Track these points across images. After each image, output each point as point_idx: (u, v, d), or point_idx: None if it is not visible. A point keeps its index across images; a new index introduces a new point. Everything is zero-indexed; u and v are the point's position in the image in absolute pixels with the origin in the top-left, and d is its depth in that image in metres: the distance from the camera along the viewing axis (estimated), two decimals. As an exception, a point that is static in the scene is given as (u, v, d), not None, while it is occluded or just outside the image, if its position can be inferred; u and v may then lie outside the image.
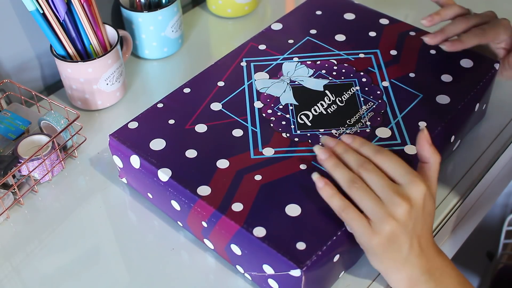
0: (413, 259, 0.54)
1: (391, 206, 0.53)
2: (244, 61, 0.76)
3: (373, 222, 0.53)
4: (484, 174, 0.73)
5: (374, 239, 0.53)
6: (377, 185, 0.54)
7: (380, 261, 0.55)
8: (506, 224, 1.24)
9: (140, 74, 0.89)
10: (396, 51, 0.76)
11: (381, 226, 0.53)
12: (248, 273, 0.61)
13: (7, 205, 0.68)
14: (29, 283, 0.63)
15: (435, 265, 0.55)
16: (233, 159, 0.63)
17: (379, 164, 0.55)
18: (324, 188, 0.56)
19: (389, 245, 0.54)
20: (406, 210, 0.53)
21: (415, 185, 0.54)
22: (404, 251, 0.54)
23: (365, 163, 0.55)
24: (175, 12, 0.87)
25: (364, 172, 0.55)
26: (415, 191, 0.54)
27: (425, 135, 0.57)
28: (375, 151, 0.56)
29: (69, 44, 0.78)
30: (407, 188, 0.54)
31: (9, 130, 0.74)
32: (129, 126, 0.68)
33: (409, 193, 0.53)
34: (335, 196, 0.55)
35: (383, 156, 0.56)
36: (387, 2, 1.01)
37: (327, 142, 0.59)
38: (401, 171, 0.54)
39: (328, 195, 0.56)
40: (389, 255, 0.54)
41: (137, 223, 0.68)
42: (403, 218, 0.53)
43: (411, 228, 0.54)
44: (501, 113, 0.79)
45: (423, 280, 0.55)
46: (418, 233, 0.54)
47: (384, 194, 0.53)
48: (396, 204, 0.53)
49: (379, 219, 0.53)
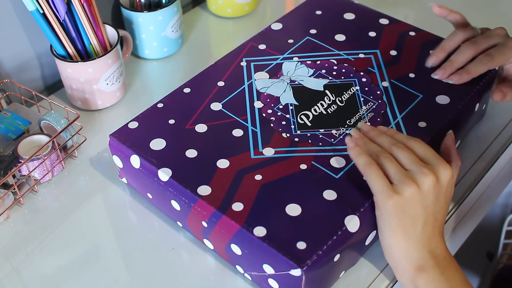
0: (424, 240, 0.55)
1: (418, 175, 0.55)
2: (244, 61, 0.76)
3: (396, 184, 0.55)
4: (484, 174, 0.73)
5: (393, 197, 0.55)
6: (407, 159, 0.57)
7: (392, 231, 0.55)
8: (506, 224, 1.24)
9: (140, 74, 0.89)
10: (396, 51, 0.76)
11: (402, 187, 0.55)
12: (248, 273, 0.61)
13: (7, 205, 0.68)
14: (29, 283, 0.63)
15: (443, 254, 0.56)
16: (233, 159, 0.63)
17: (411, 147, 0.59)
18: (353, 148, 0.59)
19: (405, 211, 0.55)
20: (432, 182, 0.55)
21: (445, 168, 0.56)
22: (418, 228, 0.55)
23: (398, 143, 0.59)
24: (175, 12, 0.87)
25: (396, 149, 0.58)
26: (443, 172, 0.56)
27: (452, 139, 0.62)
28: (408, 138, 0.60)
29: (69, 44, 0.78)
30: (436, 167, 0.56)
31: (9, 130, 0.74)
32: (129, 126, 0.68)
33: (438, 172, 0.56)
34: (363, 155, 0.58)
35: (415, 142, 0.59)
36: (387, 2, 1.01)
37: (363, 127, 0.63)
38: (432, 155, 0.57)
39: (356, 153, 0.58)
40: (402, 222, 0.55)
41: (137, 223, 0.68)
42: (427, 188, 0.55)
43: (430, 203, 0.55)
44: (501, 113, 0.79)
45: (431, 264, 0.55)
46: (435, 215, 0.56)
47: (414, 166, 0.56)
48: (424, 174, 0.55)
49: (402, 181, 0.55)
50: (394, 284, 0.62)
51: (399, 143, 0.59)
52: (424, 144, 0.59)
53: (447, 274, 0.55)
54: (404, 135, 0.61)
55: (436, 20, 0.79)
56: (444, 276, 0.55)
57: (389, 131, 0.62)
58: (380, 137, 0.61)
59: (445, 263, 0.56)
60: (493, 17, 0.91)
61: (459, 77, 0.70)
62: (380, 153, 0.58)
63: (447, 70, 0.70)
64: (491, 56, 0.69)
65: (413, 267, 0.55)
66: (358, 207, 0.58)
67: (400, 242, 0.56)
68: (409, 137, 0.60)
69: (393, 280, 0.62)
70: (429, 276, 0.55)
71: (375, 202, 0.57)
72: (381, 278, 0.62)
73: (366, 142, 0.60)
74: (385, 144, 0.59)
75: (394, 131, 0.62)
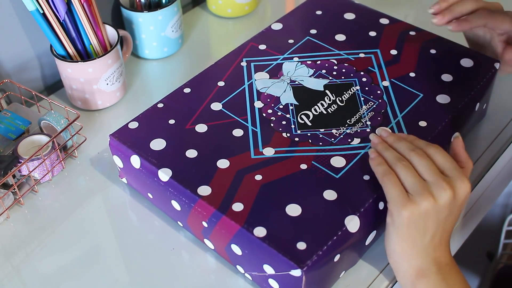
0: (430, 250, 0.55)
1: (436, 188, 0.54)
2: (244, 61, 0.76)
3: (412, 194, 0.54)
4: (484, 174, 0.73)
5: (408, 207, 0.54)
6: (426, 168, 0.55)
7: (401, 238, 0.55)
8: (506, 224, 1.24)
9: (140, 74, 0.89)
10: (396, 51, 0.76)
11: (418, 199, 0.54)
12: (249, 273, 0.61)
13: (7, 205, 0.68)
14: (29, 283, 0.63)
15: (445, 260, 0.56)
16: (234, 159, 0.63)
17: (430, 154, 0.57)
18: (375, 158, 0.58)
19: (417, 222, 0.54)
20: (449, 197, 0.54)
21: (463, 182, 0.55)
22: (426, 239, 0.55)
23: (417, 149, 0.57)
24: (175, 12, 0.87)
25: (415, 156, 0.56)
26: (461, 187, 0.55)
27: (460, 141, 0.60)
28: (427, 144, 0.58)
29: (69, 44, 0.78)
30: (454, 181, 0.55)
31: (9, 130, 0.74)
32: (129, 126, 0.68)
33: (456, 187, 0.54)
34: (382, 164, 0.57)
35: (435, 148, 0.57)
36: (387, 2, 1.01)
37: (382, 133, 0.62)
38: (451, 166, 0.56)
39: (376, 163, 0.58)
40: (412, 233, 0.54)
41: (137, 223, 0.68)
42: (442, 203, 0.54)
43: (443, 218, 0.55)
44: (501, 113, 0.79)
45: (433, 271, 0.55)
46: (446, 228, 0.56)
47: (432, 177, 0.55)
48: (442, 188, 0.54)
49: (419, 193, 0.54)
50: (393, 284, 0.62)
51: (419, 150, 0.57)
52: (444, 152, 0.57)
53: (448, 280, 0.55)
54: (423, 142, 0.59)
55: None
56: (445, 282, 0.55)
57: (409, 137, 0.60)
58: (399, 142, 0.59)
59: (446, 269, 0.56)
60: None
61: (458, 23, 0.70)
62: (399, 160, 0.56)
63: (445, 16, 0.71)
64: (492, 12, 0.69)
65: (415, 272, 0.55)
66: (358, 207, 0.58)
67: (406, 249, 0.55)
68: (428, 143, 0.58)
69: (392, 280, 0.62)
70: (430, 282, 0.55)
71: (389, 209, 0.56)
72: (381, 279, 0.62)
73: (385, 148, 0.59)
74: (404, 150, 0.58)
75: (413, 137, 0.60)
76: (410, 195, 0.54)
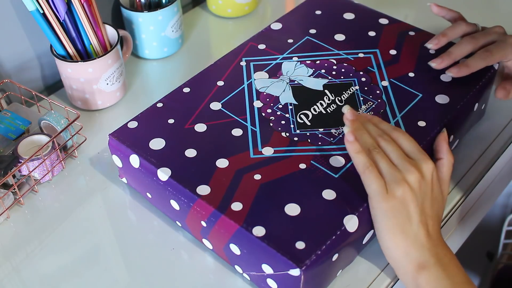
0: (423, 238, 0.56)
1: (405, 172, 0.57)
2: (243, 60, 0.76)
3: (389, 184, 0.56)
4: (484, 174, 0.73)
5: (387, 201, 0.56)
6: (394, 154, 0.58)
7: (390, 231, 0.56)
8: (506, 224, 1.24)
9: (140, 74, 0.89)
10: (396, 51, 0.76)
11: (395, 188, 0.56)
12: (247, 273, 0.61)
13: (7, 205, 0.69)
14: (29, 283, 0.63)
15: (443, 251, 0.57)
16: (233, 158, 0.63)
17: (395, 139, 0.60)
18: (353, 143, 0.59)
19: (400, 210, 0.56)
20: (417, 178, 0.57)
21: (425, 162, 0.58)
22: (414, 224, 0.56)
23: (384, 135, 0.60)
24: (175, 12, 0.87)
25: (382, 141, 0.59)
26: (425, 167, 0.58)
27: (444, 135, 0.64)
28: (392, 128, 0.61)
29: (69, 44, 0.78)
30: (419, 163, 0.58)
31: (9, 130, 0.74)
32: (128, 126, 0.68)
33: (421, 166, 0.57)
34: (361, 153, 0.58)
35: (399, 132, 0.60)
36: (387, 2, 1.01)
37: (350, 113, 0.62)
38: (414, 149, 0.59)
39: (355, 150, 0.58)
40: (398, 222, 0.56)
41: (137, 223, 0.69)
42: (415, 185, 0.56)
43: (421, 202, 0.57)
44: (500, 113, 0.79)
45: (432, 262, 0.55)
46: (427, 212, 0.57)
47: (399, 161, 0.58)
48: (409, 171, 0.57)
49: (394, 181, 0.56)
50: (395, 283, 0.62)
51: (385, 134, 0.60)
52: (408, 136, 0.60)
53: (449, 271, 0.55)
54: (388, 125, 0.62)
55: (435, 20, 0.79)
56: (446, 273, 0.55)
57: (373, 119, 0.63)
58: (367, 124, 0.62)
59: (446, 260, 0.56)
60: (493, 17, 0.91)
61: (458, 70, 0.70)
62: (373, 147, 0.59)
63: (444, 60, 0.71)
64: (490, 51, 0.69)
65: (414, 266, 0.55)
66: (357, 207, 0.58)
67: (399, 243, 0.56)
68: (392, 127, 0.61)
69: (394, 279, 0.62)
70: (431, 274, 0.55)
71: (370, 204, 0.58)
72: (382, 277, 0.62)
73: (359, 128, 0.60)
74: (372, 133, 0.60)
75: (378, 120, 0.63)
76: (388, 186, 0.56)
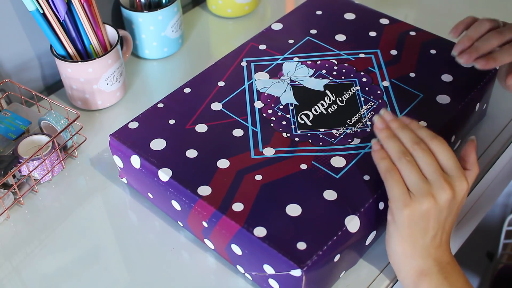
0: (431, 249, 0.55)
1: (436, 188, 0.54)
2: (244, 61, 0.76)
3: (413, 193, 0.54)
4: (484, 174, 0.73)
5: (409, 207, 0.54)
6: (428, 166, 0.55)
7: (402, 238, 0.55)
8: (506, 224, 1.24)
9: (140, 74, 0.89)
10: (397, 51, 0.76)
11: (419, 199, 0.54)
12: (249, 273, 0.61)
13: (7, 205, 0.68)
14: (29, 283, 0.63)
15: (446, 259, 0.56)
16: (234, 159, 0.63)
17: (433, 150, 0.56)
18: (378, 151, 0.57)
19: (418, 222, 0.54)
20: (449, 198, 0.54)
21: (462, 182, 0.55)
22: (427, 239, 0.55)
23: (421, 143, 0.56)
24: (175, 12, 0.87)
25: (418, 150, 0.56)
26: (460, 186, 0.55)
27: (474, 145, 0.59)
28: (432, 136, 0.57)
29: (69, 44, 0.78)
30: (454, 181, 0.55)
31: (9, 130, 0.74)
32: (129, 126, 0.68)
33: (455, 185, 0.55)
34: (386, 160, 0.56)
35: (439, 143, 0.56)
36: (387, 2, 1.01)
37: (385, 115, 0.60)
38: (453, 164, 0.56)
39: (379, 157, 0.57)
40: (413, 232, 0.54)
41: (137, 223, 0.68)
42: (443, 204, 0.54)
43: (444, 219, 0.55)
44: (501, 113, 0.79)
45: (434, 271, 0.55)
46: (446, 228, 0.56)
47: (433, 176, 0.54)
48: (442, 189, 0.54)
49: (420, 193, 0.54)
50: (394, 284, 0.62)
51: (422, 143, 0.56)
52: (447, 148, 0.56)
53: (450, 279, 0.55)
54: (427, 132, 0.58)
55: (436, 20, 0.79)
56: (447, 281, 0.55)
57: (412, 123, 0.59)
58: (403, 131, 0.58)
59: (448, 268, 0.56)
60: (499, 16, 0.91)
61: (486, 62, 0.67)
62: (403, 155, 0.56)
63: (472, 55, 0.68)
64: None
65: (416, 272, 0.55)
66: (358, 207, 0.58)
67: (406, 249, 0.56)
68: (432, 135, 0.57)
69: (393, 280, 0.62)
70: (432, 281, 0.55)
71: (390, 208, 0.56)
72: (381, 278, 0.62)
73: (388, 137, 0.58)
74: (407, 141, 0.57)
75: (417, 125, 0.59)
76: (412, 194, 0.54)
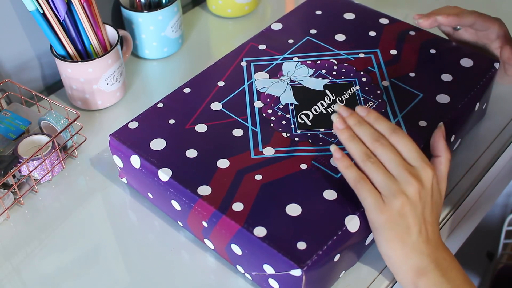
0: (422, 245, 0.55)
1: (403, 184, 0.54)
2: (244, 61, 0.76)
3: (385, 196, 0.55)
4: (484, 174, 0.73)
5: (385, 213, 0.54)
6: (391, 163, 0.55)
7: (389, 242, 0.55)
8: (506, 224, 1.24)
9: (140, 74, 0.89)
10: (396, 51, 0.76)
11: (392, 201, 0.54)
12: (249, 273, 0.61)
13: (7, 205, 0.68)
14: (29, 283, 0.63)
15: (442, 255, 0.56)
16: (234, 159, 0.63)
17: (394, 143, 0.57)
18: (341, 159, 0.57)
19: (398, 223, 0.54)
20: (417, 189, 0.54)
21: (426, 170, 0.55)
22: (413, 235, 0.55)
23: (380, 139, 0.57)
24: (175, 12, 0.87)
25: (379, 147, 0.56)
26: (425, 175, 0.55)
27: (441, 131, 0.60)
28: (391, 130, 0.57)
29: (69, 44, 0.78)
30: (418, 171, 0.55)
31: (9, 130, 0.74)
32: (129, 126, 0.68)
33: (420, 176, 0.55)
34: (351, 168, 0.56)
35: (398, 136, 0.57)
36: (387, 2, 1.01)
37: (341, 111, 0.59)
38: (414, 155, 0.56)
39: (344, 166, 0.57)
40: (397, 233, 0.55)
41: (137, 223, 0.68)
42: (414, 197, 0.54)
43: (420, 211, 0.55)
44: (501, 112, 0.79)
45: (431, 268, 0.55)
46: (427, 219, 0.56)
47: (398, 171, 0.55)
48: (409, 183, 0.54)
49: (391, 194, 0.54)
50: (394, 284, 0.62)
51: (382, 139, 0.56)
52: (407, 139, 0.56)
53: (449, 275, 0.55)
54: (386, 124, 0.57)
55: (436, 20, 0.79)
56: (446, 278, 0.55)
57: (369, 115, 0.58)
58: (361, 128, 0.57)
59: (445, 265, 0.56)
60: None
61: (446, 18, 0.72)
62: (366, 158, 0.56)
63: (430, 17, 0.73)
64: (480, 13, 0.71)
65: (414, 272, 0.55)
66: (358, 207, 0.58)
67: (397, 251, 0.55)
68: (391, 128, 0.57)
69: (392, 280, 0.62)
70: (430, 279, 0.55)
71: (368, 217, 0.56)
72: (381, 279, 0.62)
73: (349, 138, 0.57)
74: (367, 139, 0.57)
75: (375, 117, 0.58)
76: (384, 197, 0.55)
